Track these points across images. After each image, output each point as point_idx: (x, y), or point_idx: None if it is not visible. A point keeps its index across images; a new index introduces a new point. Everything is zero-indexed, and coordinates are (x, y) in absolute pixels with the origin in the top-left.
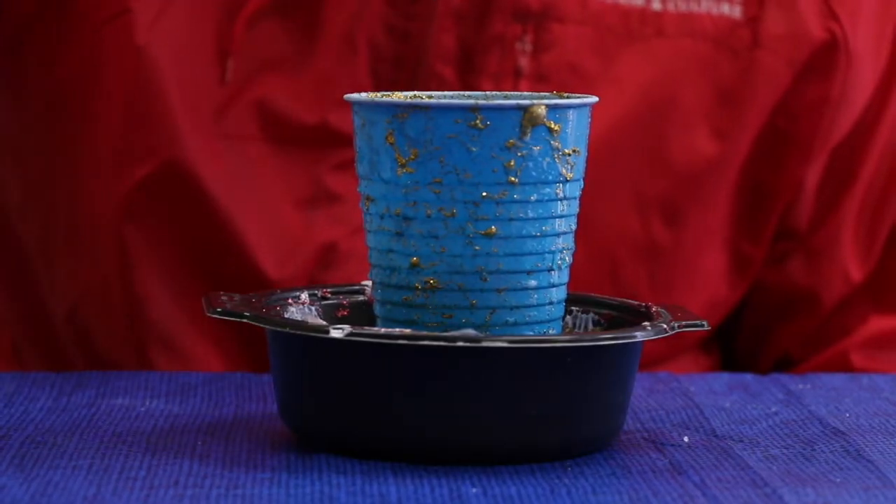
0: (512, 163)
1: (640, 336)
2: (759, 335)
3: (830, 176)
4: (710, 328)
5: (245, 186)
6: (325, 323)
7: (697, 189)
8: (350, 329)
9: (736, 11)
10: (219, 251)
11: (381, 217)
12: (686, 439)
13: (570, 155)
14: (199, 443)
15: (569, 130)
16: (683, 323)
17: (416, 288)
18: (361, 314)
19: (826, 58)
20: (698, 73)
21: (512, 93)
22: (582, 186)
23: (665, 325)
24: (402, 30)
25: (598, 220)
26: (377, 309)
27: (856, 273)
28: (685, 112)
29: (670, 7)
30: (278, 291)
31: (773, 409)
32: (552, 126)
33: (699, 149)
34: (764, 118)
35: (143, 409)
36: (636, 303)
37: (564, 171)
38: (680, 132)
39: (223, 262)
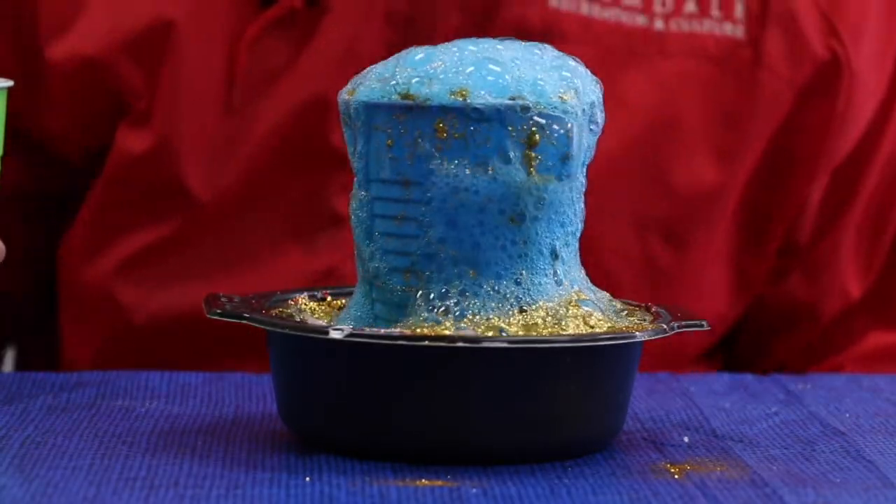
0: None
1: (640, 336)
2: (757, 347)
3: (832, 192)
4: (709, 328)
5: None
6: (324, 323)
7: (699, 211)
8: (350, 329)
9: (738, 31)
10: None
11: None
12: (686, 439)
13: None
14: (199, 443)
15: None
16: (683, 323)
17: None
18: None
19: (828, 77)
20: (701, 93)
21: None
22: None
23: (665, 326)
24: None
25: (599, 242)
26: None
27: (854, 289)
28: (687, 133)
29: (673, 27)
30: (278, 293)
31: (774, 410)
32: None
33: (701, 171)
34: (767, 139)
35: (143, 409)
36: (636, 303)
37: None
38: (682, 154)
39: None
